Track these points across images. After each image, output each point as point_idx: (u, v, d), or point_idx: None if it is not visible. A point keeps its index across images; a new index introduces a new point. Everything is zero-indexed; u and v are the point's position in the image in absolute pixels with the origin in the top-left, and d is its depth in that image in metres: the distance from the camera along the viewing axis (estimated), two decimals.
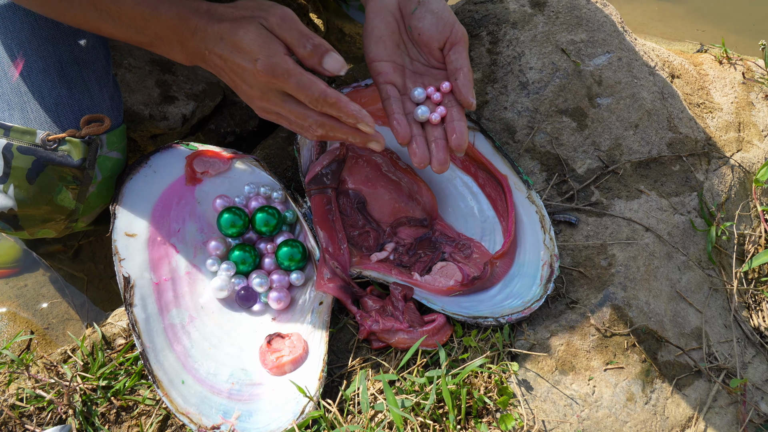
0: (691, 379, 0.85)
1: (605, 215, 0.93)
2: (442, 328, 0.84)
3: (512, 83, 1.00)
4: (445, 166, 0.82)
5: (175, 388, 0.80)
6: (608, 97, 1.00)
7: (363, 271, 0.87)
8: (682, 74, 1.12)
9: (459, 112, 0.83)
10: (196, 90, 1.14)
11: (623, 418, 0.79)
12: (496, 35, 1.02)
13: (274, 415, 0.79)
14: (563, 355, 0.82)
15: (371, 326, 0.83)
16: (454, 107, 0.83)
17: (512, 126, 0.98)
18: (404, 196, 0.94)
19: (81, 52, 0.86)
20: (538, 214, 0.90)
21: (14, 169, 0.84)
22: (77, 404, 0.82)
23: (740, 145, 1.07)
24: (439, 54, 0.86)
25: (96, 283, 1.14)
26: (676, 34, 1.64)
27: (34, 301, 1.12)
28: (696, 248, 0.95)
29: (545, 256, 0.87)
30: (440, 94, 0.84)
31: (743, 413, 0.84)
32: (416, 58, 0.87)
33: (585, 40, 1.02)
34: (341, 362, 0.85)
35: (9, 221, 0.88)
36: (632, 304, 0.86)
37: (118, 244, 0.88)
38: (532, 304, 0.84)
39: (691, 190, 0.98)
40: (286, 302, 0.90)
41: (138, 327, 0.83)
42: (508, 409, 0.78)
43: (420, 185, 0.95)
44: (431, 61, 0.87)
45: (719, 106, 1.10)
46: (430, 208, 0.94)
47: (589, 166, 0.97)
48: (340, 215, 0.92)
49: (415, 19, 0.85)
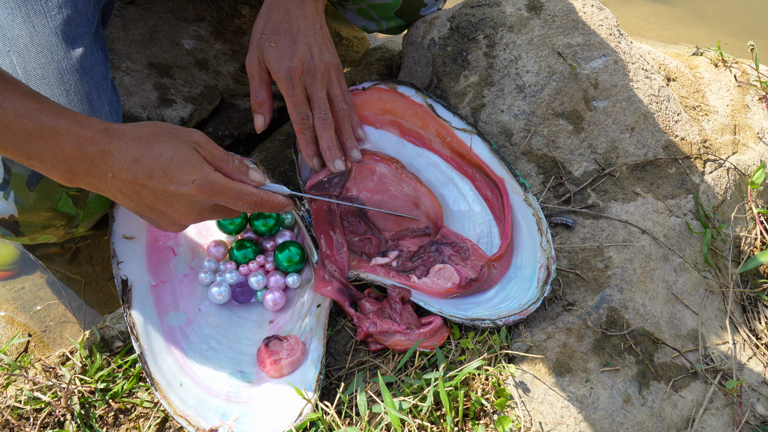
0: (688, 381, 0.85)
1: (602, 218, 0.94)
2: (439, 330, 0.84)
3: (509, 86, 1.00)
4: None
5: (173, 391, 0.80)
6: (604, 100, 1.00)
7: (360, 273, 0.88)
8: (678, 77, 1.12)
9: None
10: (193, 93, 1.14)
11: (620, 420, 0.79)
12: (492, 39, 1.03)
13: (272, 417, 0.79)
14: (560, 357, 0.82)
15: (369, 328, 0.83)
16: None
17: (509, 129, 0.99)
18: (408, 205, 0.94)
19: (79, 59, 0.86)
20: (534, 217, 0.91)
21: (14, 176, 0.84)
22: (75, 407, 0.82)
23: (736, 148, 1.07)
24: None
25: (93, 286, 1.14)
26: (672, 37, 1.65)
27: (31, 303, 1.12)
28: (692, 250, 0.96)
29: (542, 259, 0.88)
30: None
31: (739, 415, 0.84)
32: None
33: (581, 43, 1.02)
34: (339, 364, 0.85)
35: (10, 227, 0.88)
36: (629, 306, 0.86)
37: (116, 246, 0.89)
38: (529, 306, 0.84)
39: (687, 193, 0.98)
40: (281, 303, 0.90)
41: (136, 329, 0.83)
42: (505, 411, 0.78)
43: (424, 193, 0.95)
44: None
45: (715, 108, 1.11)
46: (434, 216, 0.94)
47: (585, 169, 0.97)
48: (340, 221, 0.92)
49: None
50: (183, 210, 0.76)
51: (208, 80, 1.17)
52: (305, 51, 0.88)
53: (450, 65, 1.03)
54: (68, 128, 0.71)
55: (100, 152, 0.72)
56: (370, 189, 0.93)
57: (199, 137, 0.77)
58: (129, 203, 0.76)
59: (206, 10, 1.23)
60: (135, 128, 0.74)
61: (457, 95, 1.02)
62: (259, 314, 0.91)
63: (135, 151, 0.72)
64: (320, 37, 0.89)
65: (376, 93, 1.00)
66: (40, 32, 0.85)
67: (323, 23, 0.91)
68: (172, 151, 0.73)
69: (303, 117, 0.90)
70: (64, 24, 0.86)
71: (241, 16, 1.27)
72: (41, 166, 0.72)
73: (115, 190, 0.74)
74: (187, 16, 1.21)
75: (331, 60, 0.90)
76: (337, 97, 0.92)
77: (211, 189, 0.75)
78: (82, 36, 0.87)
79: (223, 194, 0.76)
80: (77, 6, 0.88)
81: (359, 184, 0.93)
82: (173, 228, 0.80)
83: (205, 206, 0.77)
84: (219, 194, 0.76)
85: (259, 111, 0.92)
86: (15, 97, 0.70)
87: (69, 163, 0.72)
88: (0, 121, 0.69)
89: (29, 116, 0.70)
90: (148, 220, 0.79)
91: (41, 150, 0.71)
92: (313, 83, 0.89)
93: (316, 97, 0.90)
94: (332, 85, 0.91)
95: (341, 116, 0.93)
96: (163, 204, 0.75)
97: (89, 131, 0.72)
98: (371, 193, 0.93)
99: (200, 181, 0.74)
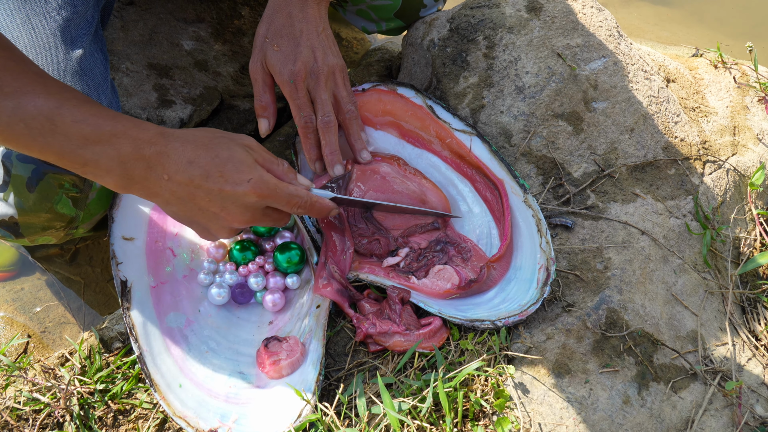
0: (687, 382, 0.85)
1: (601, 219, 0.94)
2: (439, 331, 0.84)
3: (508, 87, 1.00)
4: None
5: (172, 392, 0.80)
6: (604, 101, 1.00)
7: (360, 274, 0.88)
8: (678, 78, 1.12)
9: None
10: (193, 94, 1.14)
11: (619, 421, 0.79)
12: (492, 40, 1.03)
13: (272, 418, 0.79)
14: (559, 358, 0.82)
15: (368, 329, 0.83)
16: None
17: (508, 130, 0.99)
18: (415, 203, 0.93)
19: (79, 60, 0.86)
20: (534, 218, 0.91)
21: (14, 177, 0.84)
22: (74, 408, 0.82)
23: (735, 149, 1.07)
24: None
25: (93, 287, 1.14)
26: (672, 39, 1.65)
27: (30, 304, 1.12)
28: (691, 251, 0.96)
29: (542, 260, 0.88)
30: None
31: (739, 416, 0.84)
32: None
33: (581, 44, 1.02)
34: (338, 365, 0.85)
35: (10, 229, 0.88)
36: (628, 307, 0.86)
37: (116, 247, 0.89)
38: (529, 307, 0.84)
39: (687, 194, 0.98)
40: (281, 304, 0.90)
41: (135, 330, 0.83)
42: (505, 412, 0.78)
43: (429, 189, 0.95)
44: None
45: (714, 110, 1.11)
46: (442, 209, 0.94)
47: (585, 170, 0.97)
48: (348, 224, 0.92)
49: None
50: (236, 212, 0.75)
51: (207, 81, 1.17)
52: (308, 54, 0.88)
53: (449, 66, 1.03)
54: (125, 131, 0.71)
55: (157, 154, 0.72)
56: (374, 189, 0.93)
57: (251, 141, 0.77)
58: (181, 208, 0.75)
59: (206, 11, 1.23)
60: (190, 132, 0.75)
61: (456, 96, 1.02)
62: (258, 315, 0.91)
63: (191, 153, 0.72)
64: (323, 39, 0.89)
65: (376, 94, 1.00)
66: (40, 33, 0.85)
67: (326, 26, 0.91)
68: (228, 152, 0.74)
69: (306, 120, 0.90)
70: (63, 25, 0.86)
71: (241, 17, 1.27)
72: (96, 173, 0.72)
73: (169, 194, 0.73)
74: (186, 17, 1.21)
75: (335, 62, 0.90)
76: (344, 99, 0.92)
77: (266, 188, 0.75)
78: (82, 37, 0.88)
79: (276, 195, 0.76)
80: (76, 7, 0.88)
81: (364, 185, 0.93)
82: (222, 233, 0.79)
83: (257, 208, 0.76)
84: (272, 195, 0.75)
85: (263, 115, 0.92)
86: (71, 104, 0.70)
87: (125, 167, 0.71)
88: (57, 127, 0.69)
89: (86, 121, 0.69)
90: (197, 227, 0.78)
91: (97, 155, 0.70)
92: (316, 86, 0.89)
93: (319, 100, 0.89)
94: (338, 88, 0.91)
95: (349, 118, 0.93)
96: (218, 206, 0.74)
97: (146, 134, 0.72)
98: (376, 193, 0.93)
99: (255, 180, 0.74)
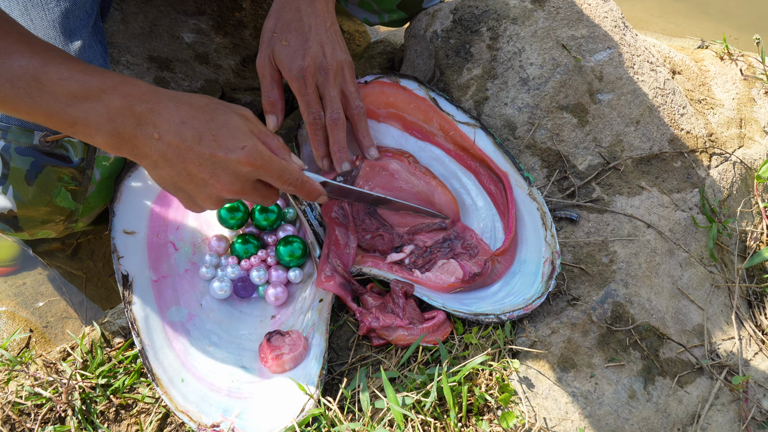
0: (693, 377, 0.84)
1: (606, 212, 0.93)
2: (443, 325, 0.83)
3: (513, 79, 0.99)
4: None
5: (174, 386, 0.80)
6: (609, 93, 0.99)
7: (363, 268, 0.87)
8: (683, 70, 1.11)
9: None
10: (194, 87, 1.13)
11: (625, 416, 0.79)
12: (496, 31, 1.02)
13: (274, 413, 0.78)
14: (564, 352, 0.81)
15: (371, 323, 0.83)
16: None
17: (513, 122, 0.98)
18: (421, 201, 0.92)
19: (78, 52, 0.86)
20: (539, 211, 0.90)
21: (13, 170, 0.83)
22: (76, 402, 0.82)
23: (742, 142, 1.06)
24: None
25: (94, 281, 1.13)
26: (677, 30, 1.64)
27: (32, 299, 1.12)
28: (697, 245, 0.95)
29: (546, 253, 0.87)
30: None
31: (745, 411, 0.84)
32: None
33: (586, 35, 1.01)
34: (341, 359, 0.84)
35: (9, 222, 0.87)
36: (634, 301, 0.86)
37: (117, 241, 0.88)
38: (534, 301, 0.83)
39: (693, 187, 0.97)
40: (283, 298, 0.89)
41: (137, 325, 0.83)
42: (510, 407, 0.77)
43: (438, 190, 0.93)
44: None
45: (720, 102, 1.10)
46: (450, 212, 0.93)
47: (590, 163, 0.97)
48: (353, 219, 0.91)
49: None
50: (226, 180, 0.72)
51: (208, 74, 1.16)
52: (317, 49, 0.87)
53: (453, 58, 1.02)
54: (115, 87, 0.69)
55: (149, 111, 0.69)
56: (380, 185, 0.92)
57: (247, 112, 0.75)
58: (169, 172, 0.72)
59: (206, 4, 1.22)
60: (185, 93, 0.73)
61: (460, 88, 1.01)
62: (260, 309, 0.90)
63: (185, 113, 0.70)
64: (332, 35, 0.88)
65: (379, 87, 0.99)
66: (38, 25, 0.84)
67: (334, 21, 0.90)
68: (224, 117, 0.72)
69: (315, 117, 0.89)
70: (62, 17, 0.85)
71: (242, 10, 1.26)
72: (86, 131, 0.69)
73: (158, 155, 0.71)
74: (187, 9, 1.20)
75: (343, 58, 0.89)
76: (352, 95, 0.91)
77: (260, 159, 0.72)
78: (81, 29, 0.87)
79: (269, 167, 0.73)
80: None
81: (371, 181, 0.92)
82: (208, 203, 0.76)
83: (248, 179, 0.73)
84: (265, 166, 0.73)
85: (271, 111, 0.90)
86: (57, 62, 0.68)
87: (114, 124, 0.69)
88: (44, 86, 0.67)
89: (73, 78, 0.67)
90: (182, 195, 0.75)
91: (86, 113, 0.68)
92: (325, 82, 0.88)
93: (328, 96, 0.88)
94: (346, 84, 0.90)
95: (358, 114, 0.92)
96: (207, 172, 0.71)
97: (137, 90, 0.70)
98: (383, 190, 0.92)
99: (250, 149, 0.71)
